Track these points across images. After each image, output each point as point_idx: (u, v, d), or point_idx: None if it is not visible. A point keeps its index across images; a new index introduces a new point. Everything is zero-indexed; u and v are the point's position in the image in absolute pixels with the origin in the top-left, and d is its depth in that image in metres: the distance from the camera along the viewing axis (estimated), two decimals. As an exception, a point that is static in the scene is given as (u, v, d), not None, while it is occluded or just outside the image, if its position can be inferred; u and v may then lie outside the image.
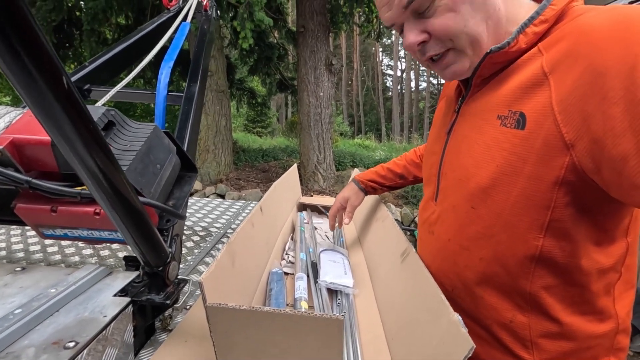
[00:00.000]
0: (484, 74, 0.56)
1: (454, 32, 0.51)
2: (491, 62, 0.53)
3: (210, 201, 1.82)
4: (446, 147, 0.64)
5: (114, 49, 1.02)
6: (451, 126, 0.64)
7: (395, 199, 5.91)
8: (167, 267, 0.62)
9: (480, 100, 0.57)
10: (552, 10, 0.48)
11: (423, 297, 0.61)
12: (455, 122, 0.64)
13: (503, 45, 0.51)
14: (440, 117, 0.73)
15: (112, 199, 0.41)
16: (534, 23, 0.49)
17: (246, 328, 0.51)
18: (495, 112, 0.53)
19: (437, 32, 0.52)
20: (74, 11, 6.15)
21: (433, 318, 0.55)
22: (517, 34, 0.50)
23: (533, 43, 0.50)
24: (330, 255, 0.99)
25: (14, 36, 0.24)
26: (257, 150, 8.25)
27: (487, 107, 0.55)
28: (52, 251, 1.06)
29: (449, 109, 0.69)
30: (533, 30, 0.49)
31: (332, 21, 5.86)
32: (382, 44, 24.76)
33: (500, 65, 0.54)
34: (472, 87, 0.59)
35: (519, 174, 0.49)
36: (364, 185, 1.06)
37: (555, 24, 0.49)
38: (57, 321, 0.51)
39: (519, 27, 0.50)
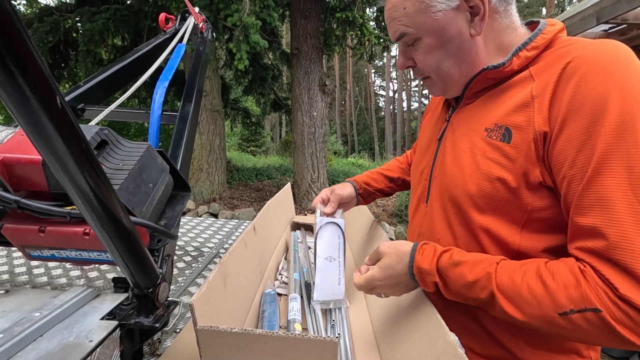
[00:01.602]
0: (476, 88, 0.63)
1: (429, 69, 0.63)
2: (485, 77, 0.60)
3: (203, 220, 1.80)
4: (437, 153, 0.69)
5: (109, 69, 1.03)
6: (442, 133, 0.70)
7: (389, 217, 5.91)
8: (157, 289, 0.60)
9: (471, 112, 0.64)
10: (543, 39, 0.56)
11: (419, 318, 0.60)
12: (445, 129, 0.69)
13: (498, 65, 0.57)
14: (429, 126, 0.80)
15: (102, 219, 0.41)
16: (527, 48, 0.56)
17: (238, 351, 0.49)
18: (484, 124, 0.59)
19: (418, 64, 0.64)
20: (71, 32, 6.24)
21: (429, 339, 0.54)
22: (511, 56, 0.57)
23: (524, 65, 0.57)
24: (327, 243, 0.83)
25: (9, 56, 0.24)
26: (251, 169, 8.25)
27: (476, 118, 0.61)
28: (38, 273, 1.03)
29: (439, 118, 0.75)
30: (525, 54, 0.56)
31: (325, 44, 6.01)
32: (374, 65, 25.38)
33: (492, 82, 0.60)
34: (464, 98, 0.66)
35: (502, 182, 0.55)
36: (357, 184, 1.01)
37: (544, 50, 0.56)
38: (40, 347, 0.49)
39: (514, 51, 0.57)
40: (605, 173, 0.45)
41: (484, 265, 0.52)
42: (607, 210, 0.44)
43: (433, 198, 0.68)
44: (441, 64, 0.61)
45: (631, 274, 0.42)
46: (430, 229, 0.68)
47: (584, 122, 0.47)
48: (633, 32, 2.76)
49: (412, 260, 0.58)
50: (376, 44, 6.21)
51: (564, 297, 0.45)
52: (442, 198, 0.65)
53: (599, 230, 0.45)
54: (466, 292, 0.53)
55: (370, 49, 6.61)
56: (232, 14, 4.28)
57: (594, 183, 0.45)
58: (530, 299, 0.48)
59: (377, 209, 6.13)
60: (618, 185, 0.44)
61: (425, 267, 0.56)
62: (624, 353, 2.08)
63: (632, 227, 0.43)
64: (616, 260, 0.43)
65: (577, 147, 0.47)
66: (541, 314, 0.47)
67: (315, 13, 5.68)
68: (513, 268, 0.51)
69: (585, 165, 0.46)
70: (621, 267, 0.43)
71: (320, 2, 5.72)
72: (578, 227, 0.47)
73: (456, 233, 0.62)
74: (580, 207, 0.47)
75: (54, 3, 7.20)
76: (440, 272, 0.55)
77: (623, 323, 0.42)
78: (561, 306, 0.46)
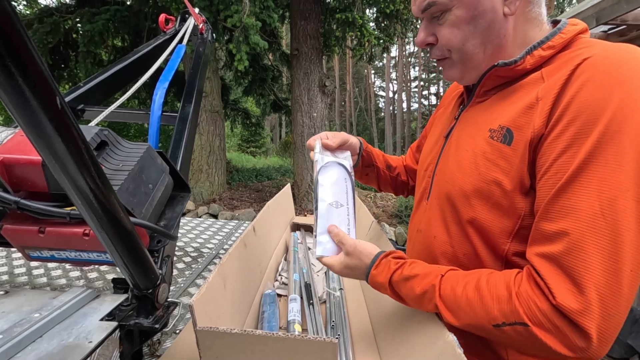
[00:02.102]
0: (486, 86, 0.61)
1: (453, 46, 0.58)
2: (495, 74, 0.58)
3: (203, 221, 1.80)
4: (442, 150, 0.69)
5: (109, 70, 1.03)
6: (449, 131, 0.69)
7: (389, 218, 5.91)
8: (156, 290, 0.60)
9: (479, 111, 0.62)
10: (561, 38, 0.52)
11: (418, 318, 0.60)
12: (453, 127, 0.68)
13: (510, 62, 0.55)
14: (440, 123, 0.78)
15: (102, 220, 0.41)
16: (542, 47, 0.53)
17: (238, 352, 0.49)
18: (489, 125, 0.57)
19: (440, 40, 0.59)
20: (71, 33, 6.24)
21: (428, 339, 0.54)
22: (525, 54, 0.54)
23: (538, 65, 0.54)
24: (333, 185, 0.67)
25: (9, 57, 0.24)
26: (250, 170, 8.25)
27: (482, 118, 0.60)
28: (38, 273, 1.03)
29: (449, 115, 0.74)
30: (540, 53, 0.53)
31: (325, 44, 6.02)
32: (374, 66, 25.41)
33: (503, 80, 0.58)
34: (475, 97, 0.64)
35: (498, 185, 0.54)
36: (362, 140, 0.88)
37: (561, 50, 0.53)
38: (39, 348, 0.49)
39: (528, 49, 0.54)
40: (579, 182, 0.44)
41: (430, 277, 0.55)
42: (570, 218, 0.44)
43: (433, 195, 0.68)
44: (467, 40, 0.56)
45: (574, 282, 0.43)
46: (427, 225, 0.68)
47: (574, 128, 0.46)
48: (632, 33, 2.76)
49: (369, 273, 0.62)
50: (376, 44, 6.23)
51: (496, 310, 0.48)
52: (440, 195, 0.65)
53: (559, 237, 0.45)
54: (418, 303, 0.57)
55: (370, 50, 6.62)
56: (232, 14, 4.29)
57: (566, 190, 0.45)
58: (468, 310, 0.50)
59: (377, 210, 6.13)
60: (587, 195, 0.44)
61: (379, 280, 0.60)
62: (624, 354, 2.08)
63: (589, 237, 0.43)
64: (566, 266, 0.44)
65: (559, 151, 0.47)
66: (477, 324, 0.50)
67: (315, 14, 5.69)
68: (457, 279, 0.53)
69: (561, 171, 0.46)
70: (568, 274, 0.44)
71: (320, 3, 5.73)
72: (540, 232, 0.48)
73: (451, 231, 0.62)
74: (548, 212, 0.47)
75: (54, 4, 7.20)
76: (392, 287, 0.59)
77: (552, 334, 0.44)
78: (494, 318, 0.48)
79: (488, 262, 0.57)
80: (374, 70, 27.50)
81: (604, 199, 0.43)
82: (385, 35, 6.31)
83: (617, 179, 0.43)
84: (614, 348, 2.09)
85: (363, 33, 5.70)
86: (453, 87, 0.82)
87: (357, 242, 0.64)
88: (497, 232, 0.55)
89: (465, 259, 0.60)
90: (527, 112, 0.51)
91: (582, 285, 0.42)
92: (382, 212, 6.10)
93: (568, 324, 0.43)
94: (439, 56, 0.62)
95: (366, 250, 0.63)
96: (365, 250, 0.63)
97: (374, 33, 5.99)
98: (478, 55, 0.58)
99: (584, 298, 0.42)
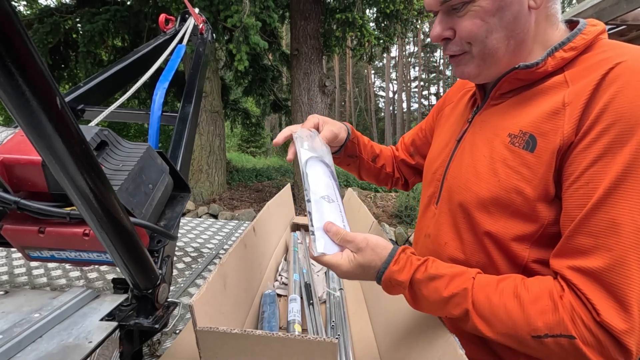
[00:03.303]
0: (503, 89, 0.58)
1: (475, 38, 0.54)
2: (515, 77, 0.55)
3: (203, 221, 1.79)
4: (454, 154, 0.66)
5: (109, 70, 1.03)
6: (462, 134, 0.66)
7: (389, 218, 5.91)
8: (156, 290, 0.60)
9: (495, 114, 0.59)
10: (583, 39, 0.51)
11: (419, 319, 0.60)
12: (466, 131, 0.65)
13: (531, 64, 0.53)
14: (449, 123, 0.74)
15: (102, 220, 0.41)
16: (564, 49, 0.51)
17: (238, 352, 0.49)
18: (508, 129, 0.55)
19: (460, 33, 0.55)
20: (71, 33, 6.24)
21: (429, 340, 0.54)
22: (546, 56, 0.52)
23: (559, 67, 0.52)
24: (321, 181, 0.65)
25: (9, 57, 0.24)
26: (250, 170, 8.25)
27: (500, 122, 0.57)
28: (38, 274, 1.03)
29: (461, 117, 0.71)
30: (562, 55, 0.51)
31: (325, 45, 6.02)
32: (374, 66, 25.41)
33: (521, 83, 0.56)
34: (489, 99, 0.61)
35: (519, 193, 0.51)
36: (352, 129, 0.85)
37: (582, 52, 0.51)
38: (39, 348, 0.49)
39: (549, 50, 0.52)
40: (619, 195, 0.42)
41: (461, 279, 0.50)
42: (611, 233, 0.43)
43: (443, 200, 0.65)
44: (491, 34, 0.53)
45: (618, 300, 0.42)
46: (437, 231, 0.65)
47: (609, 136, 0.43)
48: (632, 33, 2.77)
49: (386, 268, 0.54)
50: (376, 44, 6.23)
51: (540, 321, 0.45)
52: (451, 201, 0.62)
53: (599, 251, 0.43)
54: (439, 307, 0.52)
55: (370, 50, 6.62)
56: (232, 15, 4.29)
57: (604, 203, 0.43)
58: (506, 319, 0.47)
59: (377, 210, 6.13)
60: (629, 209, 0.42)
61: (399, 279, 0.53)
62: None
63: (633, 254, 0.41)
64: (608, 283, 0.42)
65: (592, 160, 0.44)
66: (514, 334, 0.47)
67: (315, 14, 5.69)
68: (490, 285, 0.49)
69: (593, 181, 0.44)
70: (610, 291, 0.42)
71: (320, 3, 5.72)
72: (576, 245, 0.46)
73: (464, 239, 0.59)
74: (584, 225, 0.45)
75: (54, 4, 7.20)
76: (412, 286, 0.53)
77: (594, 348, 0.42)
78: (536, 330, 0.45)
79: (504, 270, 0.55)
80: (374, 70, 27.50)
81: None
82: (385, 35, 6.30)
83: None
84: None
85: (363, 33, 5.71)
86: (459, 85, 0.80)
87: (367, 236, 0.56)
88: (515, 240, 0.53)
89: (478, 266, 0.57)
90: (553, 117, 0.49)
91: (627, 304, 0.41)
92: (382, 212, 6.09)
93: (611, 341, 0.42)
94: (457, 51, 0.58)
95: (380, 243, 0.55)
96: (379, 243, 0.55)
97: (374, 33, 6.00)
98: (500, 50, 0.54)
99: (629, 317, 0.41)
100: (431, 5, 0.57)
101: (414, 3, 5.95)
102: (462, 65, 0.59)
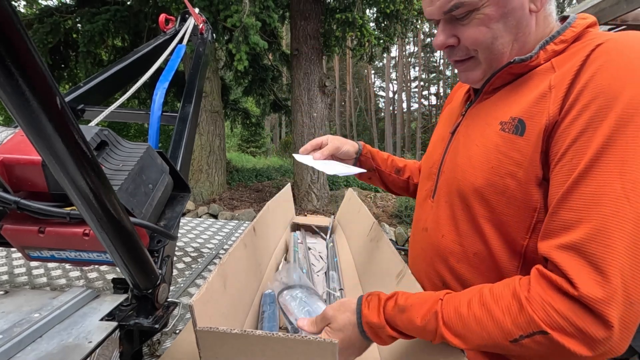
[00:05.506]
0: (496, 84, 0.60)
1: (481, 45, 0.57)
2: (509, 72, 0.57)
3: (203, 221, 1.79)
4: (449, 147, 0.67)
5: (109, 70, 1.03)
6: (456, 127, 0.68)
7: (389, 218, 5.91)
8: (156, 290, 0.60)
9: (487, 106, 0.61)
10: (572, 32, 0.53)
11: (419, 319, 0.60)
12: (460, 124, 0.67)
13: (526, 58, 0.55)
14: (445, 119, 0.77)
15: (102, 220, 0.41)
16: (555, 42, 0.54)
17: (238, 352, 0.49)
18: (499, 117, 0.57)
19: (465, 41, 0.57)
20: (71, 33, 6.24)
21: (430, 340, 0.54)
22: (539, 49, 0.54)
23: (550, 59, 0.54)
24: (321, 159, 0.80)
25: (9, 57, 0.24)
26: (250, 170, 8.25)
27: (492, 112, 0.59)
28: (38, 273, 1.03)
29: (455, 111, 0.73)
30: (553, 48, 0.54)
31: (325, 45, 6.02)
32: (374, 66, 25.41)
33: (514, 77, 0.58)
34: (483, 93, 0.63)
35: (513, 177, 0.52)
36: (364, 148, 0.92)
37: (572, 43, 0.53)
38: (39, 348, 0.49)
39: (541, 44, 0.55)
40: (599, 166, 0.43)
41: (429, 304, 0.50)
42: (592, 204, 0.42)
43: (440, 192, 0.66)
44: (496, 39, 0.55)
45: (597, 269, 0.40)
46: (435, 223, 0.66)
47: (589, 112, 0.44)
48: (632, 33, 2.76)
49: (360, 316, 0.54)
50: (376, 44, 6.23)
51: (510, 324, 0.44)
52: (449, 192, 0.63)
53: (581, 224, 0.43)
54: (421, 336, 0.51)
55: (370, 50, 6.62)
56: (232, 15, 4.29)
57: (585, 177, 0.43)
58: (479, 330, 0.46)
59: (377, 210, 6.13)
60: (608, 179, 0.42)
61: (374, 321, 0.53)
62: (623, 354, 2.07)
63: (613, 222, 0.41)
64: (589, 254, 0.41)
65: (574, 136, 0.45)
66: (493, 343, 0.45)
67: (315, 14, 5.69)
68: (458, 299, 0.49)
69: (577, 156, 0.45)
70: (590, 261, 0.41)
71: (320, 3, 5.73)
72: (559, 221, 0.45)
73: (461, 229, 0.60)
74: (567, 200, 0.45)
75: (54, 4, 7.20)
76: (390, 323, 0.52)
77: (572, 336, 0.41)
78: (510, 333, 0.44)
79: (503, 260, 0.55)
80: (374, 70, 27.50)
81: (627, 181, 0.41)
82: (385, 35, 6.31)
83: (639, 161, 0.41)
84: (614, 348, 2.09)
85: (363, 33, 5.71)
86: (458, 86, 0.82)
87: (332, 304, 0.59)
88: (515, 226, 0.53)
89: (476, 258, 0.58)
90: (540, 101, 0.50)
91: (607, 273, 0.40)
92: (382, 212, 6.09)
93: (590, 318, 0.40)
94: (463, 57, 0.60)
95: (344, 301, 0.58)
96: (343, 302, 0.58)
97: (374, 33, 6.00)
98: (505, 54, 0.57)
99: (607, 284, 0.39)
100: (433, 14, 0.58)
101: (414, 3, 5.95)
102: (469, 71, 0.61)
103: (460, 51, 0.60)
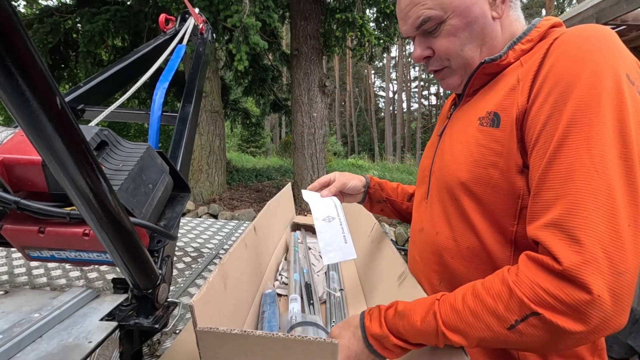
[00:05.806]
0: (475, 85, 0.65)
1: (451, 53, 0.63)
2: (483, 72, 0.62)
3: (203, 221, 1.79)
4: (437, 150, 0.71)
5: (109, 70, 1.03)
6: (442, 130, 0.72)
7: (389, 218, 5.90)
8: (156, 290, 0.60)
9: (469, 107, 0.66)
10: (537, 32, 0.58)
11: (419, 319, 0.60)
12: (446, 126, 0.71)
13: (495, 57, 0.60)
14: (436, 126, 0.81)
15: (102, 220, 0.41)
16: (522, 42, 0.59)
17: (238, 353, 0.49)
18: (478, 114, 0.61)
19: (439, 51, 0.64)
20: (71, 33, 6.24)
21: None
22: (507, 49, 0.59)
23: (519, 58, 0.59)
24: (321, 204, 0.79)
25: (9, 57, 0.24)
26: (250, 170, 8.25)
27: (472, 111, 0.63)
28: (38, 273, 1.03)
29: (443, 116, 0.78)
30: (520, 47, 0.59)
31: (325, 45, 6.02)
32: (374, 66, 25.41)
33: (489, 77, 0.63)
34: (465, 96, 0.68)
35: (495, 167, 0.55)
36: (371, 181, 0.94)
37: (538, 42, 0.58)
38: (39, 348, 0.49)
39: (509, 45, 0.60)
40: (568, 145, 0.46)
41: (427, 306, 0.51)
42: (565, 179, 0.45)
43: (432, 193, 0.70)
44: (464, 46, 0.61)
45: (573, 239, 0.42)
46: (430, 223, 0.69)
47: (553, 97, 0.48)
48: (632, 33, 2.76)
49: (364, 329, 0.56)
50: (376, 44, 6.22)
51: (503, 309, 0.45)
52: (439, 191, 0.66)
53: (558, 201, 0.45)
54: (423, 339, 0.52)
55: (370, 50, 6.62)
56: (232, 15, 4.29)
57: (557, 156, 0.46)
58: (476, 322, 0.46)
59: (377, 210, 6.12)
60: (577, 156, 0.45)
61: (377, 331, 0.54)
62: (624, 354, 2.08)
63: (586, 195, 0.43)
64: (568, 227, 0.43)
65: (543, 121, 0.49)
66: (492, 334, 0.46)
67: (315, 14, 5.69)
68: (453, 296, 0.50)
69: (548, 140, 0.48)
70: (569, 234, 0.43)
71: (320, 3, 5.72)
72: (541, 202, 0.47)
73: (453, 225, 0.63)
74: (544, 181, 0.47)
75: (53, 4, 7.20)
76: (392, 331, 0.53)
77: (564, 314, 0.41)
78: (506, 320, 0.44)
79: (495, 250, 0.57)
80: (374, 71, 27.50)
81: (594, 154, 0.44)
82: (385, 35, 6.30)
83: (602, 136, 0.44)
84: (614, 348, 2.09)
85: (363, 33, 5.70)
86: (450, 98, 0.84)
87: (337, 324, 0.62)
88: (502, 214, 0.56)
89: (468, 252, 0.60)
90: (510, 94, 0.55)
91: (582, 240, 0.42)
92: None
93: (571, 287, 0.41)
94: (438, 66, 0.66)
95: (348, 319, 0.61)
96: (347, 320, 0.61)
97: (374, 33, 5.99)
98: (475, 58, 0.62)
99: (584, 250, 0.41)
100: (408, 32, 0.65)
101: (414, 3, 5.93)
102: (447, 78, 0.67)
103: (435, 62, 0.66)
